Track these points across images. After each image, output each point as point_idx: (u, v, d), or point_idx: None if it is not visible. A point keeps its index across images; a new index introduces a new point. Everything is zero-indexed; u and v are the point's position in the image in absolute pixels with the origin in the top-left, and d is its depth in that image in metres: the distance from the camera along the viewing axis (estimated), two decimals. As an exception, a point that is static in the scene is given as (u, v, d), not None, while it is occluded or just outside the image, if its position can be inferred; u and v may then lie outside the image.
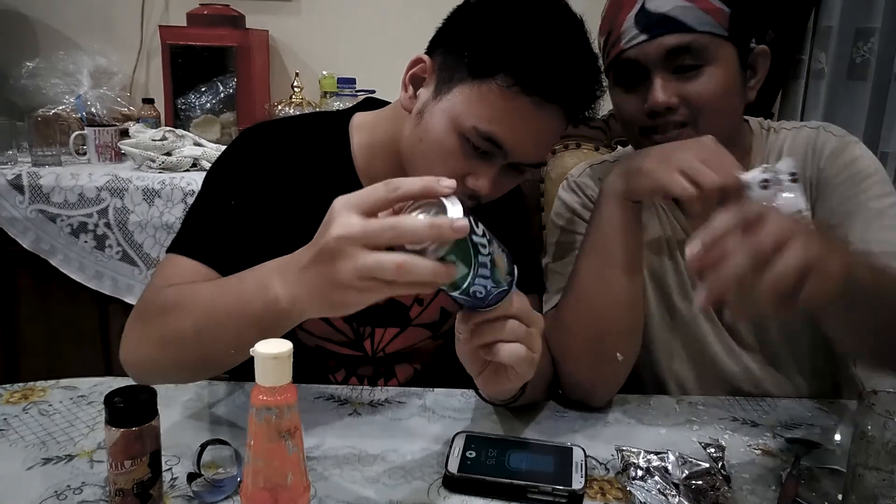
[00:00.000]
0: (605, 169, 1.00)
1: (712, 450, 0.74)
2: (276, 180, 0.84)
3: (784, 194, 0.71)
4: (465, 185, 0.77)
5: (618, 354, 0.83)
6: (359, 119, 0.91)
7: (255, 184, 0.84)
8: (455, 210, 0.53)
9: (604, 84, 0.81)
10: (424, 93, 0.80)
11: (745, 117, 0.96)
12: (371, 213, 0.55)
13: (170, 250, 0.81)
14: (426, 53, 0.81)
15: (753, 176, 0.71)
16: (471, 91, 0.74)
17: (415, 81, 0.81)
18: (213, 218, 0.83)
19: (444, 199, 0.54)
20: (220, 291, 0.68)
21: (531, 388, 0.77)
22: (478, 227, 0.55)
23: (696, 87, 0.82)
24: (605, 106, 0.86)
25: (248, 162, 0.86)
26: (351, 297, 0.56)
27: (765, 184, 0.71)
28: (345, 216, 0.54)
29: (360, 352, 0.93)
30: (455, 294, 0.58)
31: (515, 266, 0.61)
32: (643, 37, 0.82)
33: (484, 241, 0.55)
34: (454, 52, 0.77)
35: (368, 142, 0.89)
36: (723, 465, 0.71)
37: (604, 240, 0.83)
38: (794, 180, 0.71)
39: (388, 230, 0.53)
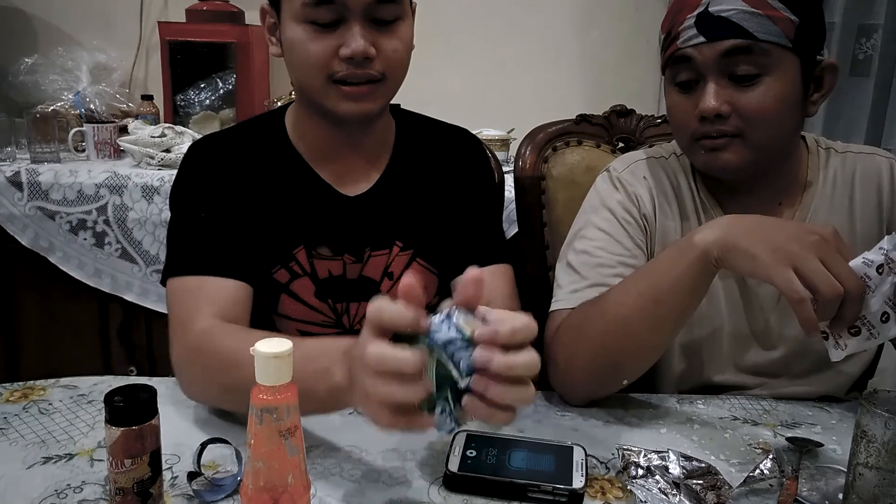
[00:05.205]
0: (650, 166, 0.96)
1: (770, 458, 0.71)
2: (233, 185, 0.90)
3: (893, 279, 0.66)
4: (346, 60, 0.80)
5: (625, 381, 0.83)
6: (290, 109, 0.96)
7: (216, 194, 0.89)
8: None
9: None
10: (279, 32, 0.86)
11: (802, 133, 0.93)
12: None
13: (168, 275, 0.86)
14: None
15: (873, 260, 0.66)
16: None
17: (272, 30, 0.88)
18: (193, 232, 0.88)
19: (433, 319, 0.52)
20: None
21: None
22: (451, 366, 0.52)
23: (750, 98, 0.80)
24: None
25: (204, 177, 0.91)
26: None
27: (880, 269, 0.66)
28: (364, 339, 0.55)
29: (340, 329, 0.95)
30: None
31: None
32: (701, 38, 0.81)
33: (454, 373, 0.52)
34: None
35: (294, 120, 0.94)
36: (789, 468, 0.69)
37: (670, 289, 0.76)
38: None
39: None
